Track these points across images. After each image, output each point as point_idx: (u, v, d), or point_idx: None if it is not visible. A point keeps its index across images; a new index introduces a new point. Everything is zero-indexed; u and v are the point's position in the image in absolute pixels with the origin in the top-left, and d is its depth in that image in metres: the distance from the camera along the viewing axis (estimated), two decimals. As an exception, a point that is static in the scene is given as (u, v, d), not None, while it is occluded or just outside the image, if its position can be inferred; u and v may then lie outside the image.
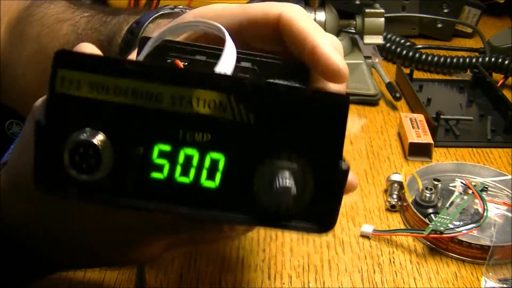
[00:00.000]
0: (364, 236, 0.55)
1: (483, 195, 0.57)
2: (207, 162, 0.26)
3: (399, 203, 0.59)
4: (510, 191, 0.60)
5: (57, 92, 0.25)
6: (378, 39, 0.80)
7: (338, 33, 0.81)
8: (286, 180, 0.25)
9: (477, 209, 0.57)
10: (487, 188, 0.59)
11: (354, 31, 0.82)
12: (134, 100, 0.25)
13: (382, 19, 0.79)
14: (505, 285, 0.49)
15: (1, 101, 0.55)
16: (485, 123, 0.75)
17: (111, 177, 0.26)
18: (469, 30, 1.03)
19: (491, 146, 0.71)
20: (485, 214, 0.54)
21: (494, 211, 0.57)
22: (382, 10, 0.80)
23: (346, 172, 0.26)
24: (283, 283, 0.50)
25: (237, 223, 0.27)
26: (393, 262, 0.52)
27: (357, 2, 0.86)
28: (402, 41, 0.94)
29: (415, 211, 0.55)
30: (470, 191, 0.58)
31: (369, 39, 0.80)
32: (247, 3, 0.37)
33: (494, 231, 0.54)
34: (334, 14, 0.81)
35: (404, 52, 0.90)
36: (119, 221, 0.32)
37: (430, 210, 0.56)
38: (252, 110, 0.25)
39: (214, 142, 0.26)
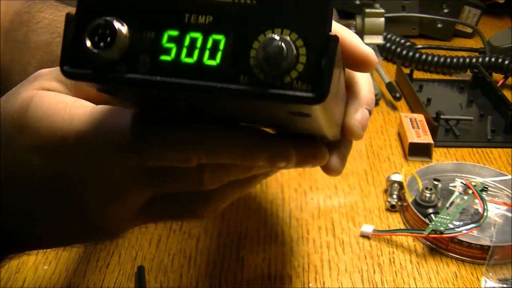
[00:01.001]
0: (364, 236, 0.55)
1: (483, 195, 0.57)
2: (209, 43, 0.29)
3: (399, 203, 0.59)
4: (510, 191, 0.60)
5: None
6: (378, 39, 0.80)
7: (338, 33, 0.81)
8: (278, 43, 0.27)
9: (477, 209, 0.57)
10: (487, 188, 0.59)
11: (354, 31, 0.82)
12: None
13: (382, 19, 0.80)
14: (505, 285, 0.49)
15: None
16: (485, 123, 0.75)
17: (125, 58, 0.29)
18: (469, 30, 1.03)
19: (491, 146, 0.71)
20: (485, 214, 0.54)
21: (494, 211, 0.57)
22: (382, 10, 0.80)
23: (335, 40, 0.28)
24: (283, 283, 0.50)
25: (235, 95, 0.29)
26: (393, 262, 0.52)
27: (357, 2, 0.87)
28: (402, 41, 0.94)
29: (415, 211, 0.55)
30: (470, 191, 0.58)
31: (369, 39, 0.80)
32: None
33: (494, 231, 0.54)
34: (334, 14, 0.81)
35: (404, 52, 0.90)
36: (105, 170, 0.32)
37: (430, 210, 0.56)
38: None
39: (216, 23, 0.29)
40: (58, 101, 0.33)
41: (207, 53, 0.29)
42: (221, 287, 0.49)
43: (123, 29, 0.29)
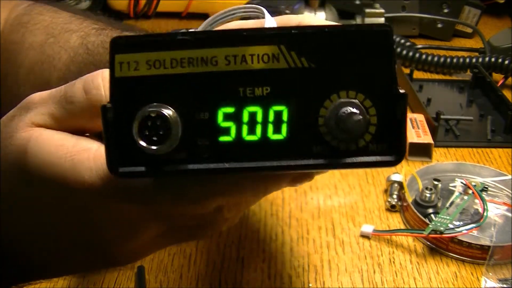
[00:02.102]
0: (364, 236, 0.55)
1: (483, 195, 0.57)
2: (271, 116, 0.27)
3: (399, 203, 0.59)
4: (510, 191, 0.60)
5: (117, 76, 0.27)
6: (378, 39, 0.80)
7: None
8: (352, 110, 0.26)
9: (477, 209, 0.57)
10: (487, 188, 0.59)
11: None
12: (190, 69, 0.27)
13: (382, 19, 0.80)
14: (505, 285, 0.49)
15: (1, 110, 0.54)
16: (485, 123, 0.75)
17: (181, 147, 0.27)
18: (469, 30, 1.03)
19: (491, 146, 0.71)
20: (485, 214, 0.54)
21: (494, 211, 0.57)
22: (382, 10, 0.80)
23: (405, 96, 0.27)
24: (283, 283, 0.50)
25: (314, 168, 0.27)
26: (393, 262, 0.52)
27: (357, 2, 0.87)
28: (402, 41, 0.94)
29: (415, 211, 0.55)
30: (470, 191, 0.58)
31: (369, 39, 0.80)
32: (246, 4, 0.37)
33: (494, 231, 0.54)
34: (334, 14, 0.81)
35: (404, 52, 0.90)
36: (122, 212, 0.31)
37: (430, 210, 0.56)
38: (303, 54, 0.27)
39: (274, 94, 0.27)
40: (57, 146, 0.31)
41: (270, 127, 0.27)
42: (221, 287, 0.49)
43: (174, 114, 0.26)
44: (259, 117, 0.27)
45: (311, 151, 0.27)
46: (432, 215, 0.56)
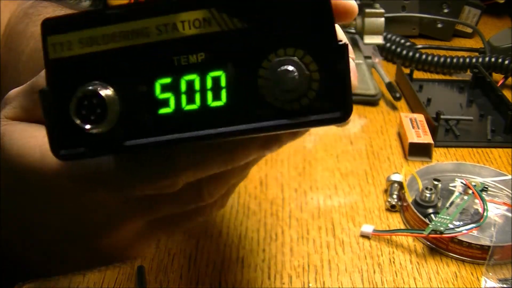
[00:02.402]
0: (364, 236, 0.55)
1: (483, 195, 0.57)
2: (209, 83, 0.26)
3: (399, 203, 0.59)
4: (510, 191, 0.60)
5: (51, 58, 0.26)
6: (378, 39, 0.80)
7: (338, 33, 0.81)
8: (287, 66, 0.25)
9: (477, 209, 0.57)
10: (487, 188, 0.59)
11: (354, 31, 0.82)
12: (124, 43, 0.26)
13: (382, 19, 0.79)
14: (505, 285, 0.49)
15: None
16: (485, 123, 0.75)
17: (121, 123, 0.26)
18: (469, 30, 1.03)
19: (491, 146, 0.71)
20: (485, 214, 0.54)
21: (494, 211, 0.57)
22: (382, 10, 0.80)
23: (344, 47, 0.26)
24: (283, 283, 0.50)
25: (258, 132, 0.26)
26: (393, 262, 0.52)
27: (357, 2, 0.87)
28: (402, 41, 0.94)
29: (415, 211, 0.55)
30: (470, 191, 0.58)
31: (369, 39, 0.80)
32: None
33: (494, 231, 0.54)
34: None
35: (404, 52, 0.90)
36: (96, 199, 0.31)
37: (430, 210, 0.56)
38: (235, 15, 0.26)
39: (210, 59, 0.26)
40: (28, 138, 0.31)
41: (210, 94, 0.26)
42: (221, 287, 0.49)
43: (110, 92, 0.26)
44: (197, 85, 0.26)
45: (254, 115, 0.26)
46: (432, 215, 0.56)
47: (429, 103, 0.80)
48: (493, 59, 0.86)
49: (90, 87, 0.25)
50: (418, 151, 0.67)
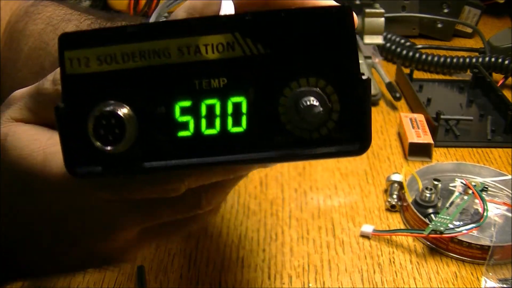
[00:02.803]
0: (364, 236, 0.55)
1: (483, 195, 0.57)
2: (229, 108, 0.26)
3: (399, 203, 0.59)
4: (510, 191, 0.60)
5: (68, 73, 0.26)
6: (378, 39, 0.80)
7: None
8: (310, 98, 0.25)
9: (477, 209, 0.56)
10: (487, 188, 0.59)
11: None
12: (143, 62, 0.25)
13: (382, 19, 0.80)
14: (505, 285, 0.49)
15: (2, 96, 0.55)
16: (485, 123, 0.75)
17: (139, 144, 0.26)
18: (469, 30, 1.03)
19: (491, 146, 0.71)
20: (485, 214, 0.54)
21: (494, 211, 0.57)
22: (382, 10, 0.80)
23: (367, 82, 0.26)
24: (283, 283, 0.50)
25: (276, 161, 0.26)
26: (393, 262, 0.52)
27: (357, 2, 0.87)
28: (402, 41, 0.94)
29: (415, 211, 0.55)
30: (470, 191, 0.58)
31: (369, 39, 0.80)
32: None
33: (494, 231, 0.54)
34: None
35: (404, 52, 0.90)
36: (98, 203, 0.31)
37: (430, 210, 0.56)
38: (259, 41, 0.25)
39: (232, 85, 0.25)
40: (31, 140, 0.31)
41: (230, 120, 0.26)
42: (221, 287, 0.49)
43: (128, 112, 0.25)
44: (217, 110, 0.26)
45: (272, 142, 0.26)
46: (432, 215, 0.56)
47: (429, 103, 0.80)
48: (493, 59, 0.86)
49: (108, 107, 0.25)
50: (418, 151, 0.67)
